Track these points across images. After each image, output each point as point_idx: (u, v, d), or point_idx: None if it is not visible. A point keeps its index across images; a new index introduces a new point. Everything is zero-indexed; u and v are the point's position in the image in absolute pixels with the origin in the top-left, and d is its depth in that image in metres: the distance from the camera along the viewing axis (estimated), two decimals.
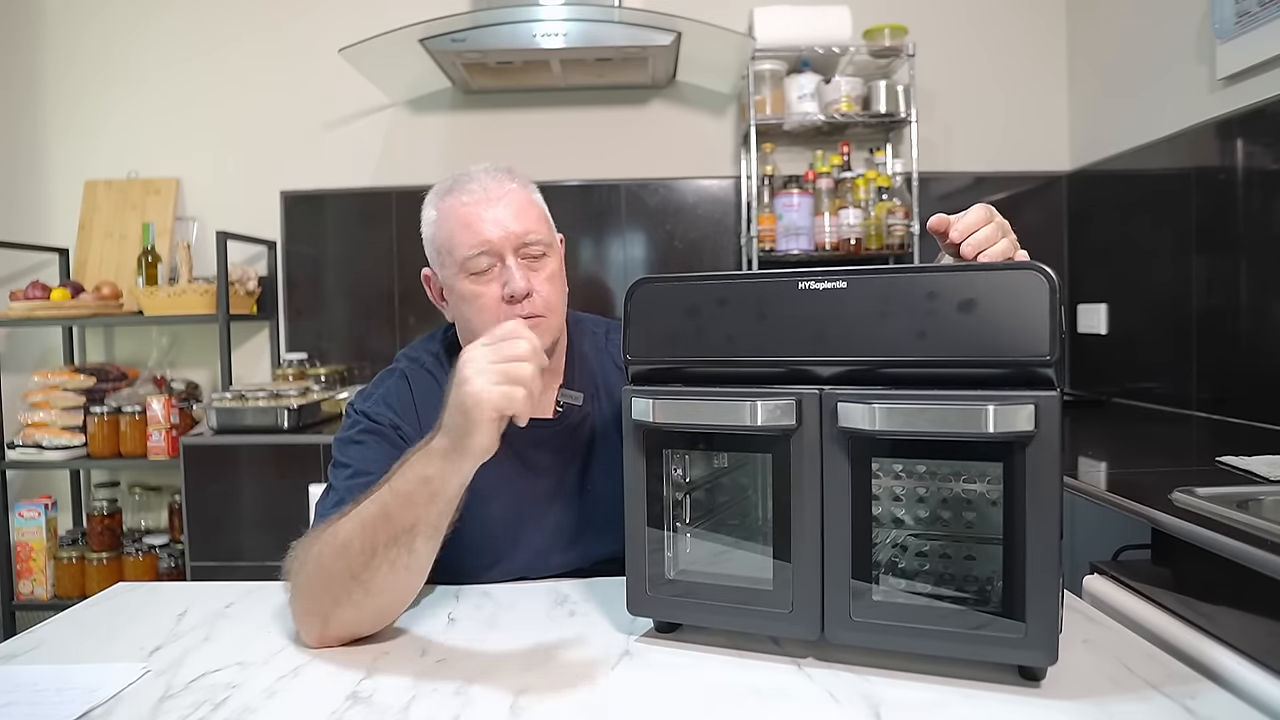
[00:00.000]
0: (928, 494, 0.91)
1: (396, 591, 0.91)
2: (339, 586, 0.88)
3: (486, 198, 1.09)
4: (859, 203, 2.63)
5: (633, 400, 0.87)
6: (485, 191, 1.09)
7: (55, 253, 2.83)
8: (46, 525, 2.62)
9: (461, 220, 1.09)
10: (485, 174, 1.12)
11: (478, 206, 1.08)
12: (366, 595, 0.88)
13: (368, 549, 0.87)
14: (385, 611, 0.92)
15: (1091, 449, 1.81)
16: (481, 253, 1.08)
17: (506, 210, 1.09)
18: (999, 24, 2.81)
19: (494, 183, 1.10)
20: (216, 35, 2.88)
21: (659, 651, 0.87)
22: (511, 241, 1.08)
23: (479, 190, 1.10)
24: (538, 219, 1.11)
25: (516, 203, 1.10)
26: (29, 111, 2.90)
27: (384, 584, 0.88)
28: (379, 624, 0.92)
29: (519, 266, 1.08)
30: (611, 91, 2.86)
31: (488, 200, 1.09)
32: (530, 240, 1.09)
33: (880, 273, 0.79)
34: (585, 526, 1.15)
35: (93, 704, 0.76)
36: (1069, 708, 0.72)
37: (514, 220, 1.08)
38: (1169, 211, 2.24)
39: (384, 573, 0.87)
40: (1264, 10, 1.84)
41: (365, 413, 1.12)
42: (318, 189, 2.88)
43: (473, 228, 1.08)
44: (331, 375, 2.70)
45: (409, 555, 0.88)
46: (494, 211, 1.08)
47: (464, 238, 1.08)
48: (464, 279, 1.09)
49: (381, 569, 0.87)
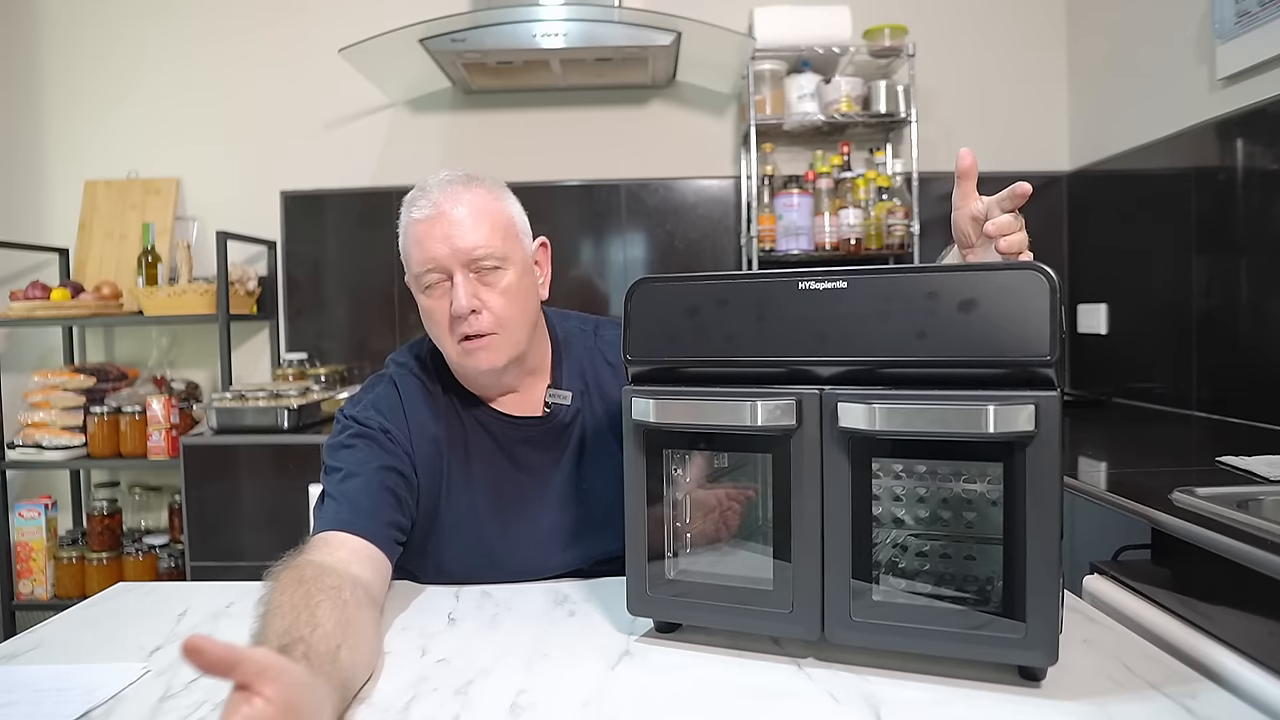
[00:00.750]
0: (928, 494, 0.91)
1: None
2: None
3: (437, 214, 1.07)
4: (859, 203, 2.63)
5: (633, 400, 0.87)
6: (436, 207, 1.08)
7: (55, 253, 2.84)
8: (46, 525, 2.63)
9: (414, 237, 1.09)
10: (439, 187, 1.09)
11: (428, 224, 1.07)
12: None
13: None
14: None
15: (1091, 449, 1.81)
16: (429, 269, 1.07)
17: (454, 226, 1.06)
18: (999, 24, 2.81)
19: (447, 197, 1.08)
20: (216, 35, 2.88)
21: (659, 651, 0.87)
22: (459, 258, 1.06)
23: (429, 206, 1.08)
24: (490, 232, 1.08)
25: (466, 216, 1.07)
26: (29, 111, 2.90)
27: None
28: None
29: (466, 283, 1.06)
30: (611, 91, 2.87)
31: (437, 218, 1.07)
32: (479, 255, 1.07)
33: (880, 273, 0.79)
34: (584, 525, 1.15)
35: (93, 704, 0.76)
36: (1069, 708, 0.72)
37: (463, 236, 1.06)
38: (1169, 211, 2.24)
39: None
40: (1264, 10, 1.84)
41: (355, 418, 1.12)
42: (318, 189, 2.88)
43: (421, 245, 1.08)
44: (331, 375, 2.70)
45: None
46: (441, 228, 1.07)
47: (415, 254, 1.09)
48: (421, 294, 1.11)
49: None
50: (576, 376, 1.20)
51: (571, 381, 1.19)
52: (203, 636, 0.59)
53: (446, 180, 1.10)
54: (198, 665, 0.59)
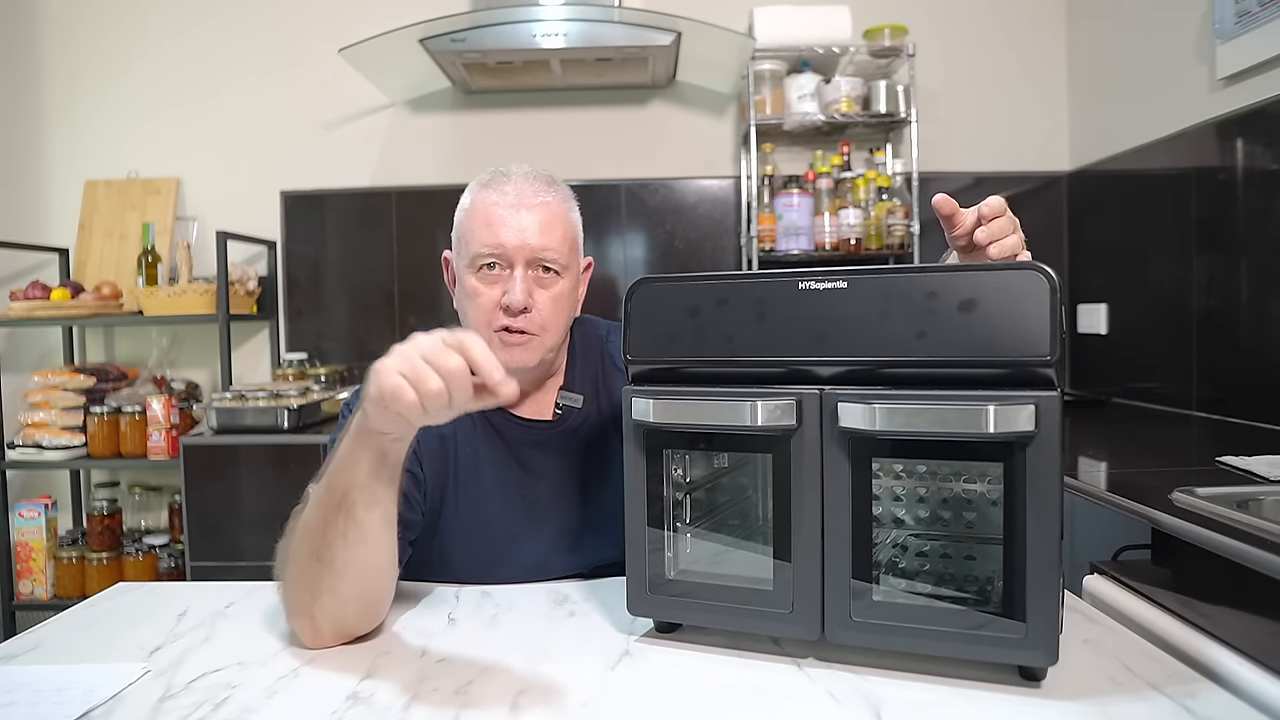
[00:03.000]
0: (928, 494, 0.91)
1: (359, 570, 0.87)
2: (310, 572, 0.86)
3: (518, 203, 1.08)
4: (859, 203, 2.63)
5: (633, 400, 0.87)
6: (519, 196, 1.08)
7: (55, 253, 2.84)
8: (46, 525, 2.63)
9: (485, 218, 1.08)
10: (524, 178, 1.11)
11: (505, 209, 1.08)
12: (335, 576, 0.86)
13: (321, 522, 0.86)
14: (361, 600, 0.89)
15: (1091, 449, 1.81)
16: (493, 254, 1.08)
17: (532, 221, 1.08)
18: (999, 24, 2.81)
19: (530, 189, 1.09)
20: (216, 35, 2.88)
21: (659, 651, 0.87)
22: (525, 253, 1.07)
23: (513, 193, 1.09)
24: (561, 238, 1.10)
25: (545, 217, 1.08)
26: (29, 111, 2.90)
27: (344, 560, 0.86)
28: (363, 614, 0.90)
29: (524, 279, 1.07)
30: (611, 91, 2.87)
31: (518, 206, 1.08)
32: (545, 257, 1.08)
33: (880, 273, 0.79)
34: (587, 530, 1.15)
35: (93, 704, 0.76)
36: (1069, 708, 0.72)
37: (536, 234, 1.07)
38: (1169, 211, 2.24)
39: (339, 547, 0.86)
40: (1264, 10, 1.84)
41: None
42: (318, 189, 2.88)
43: (493, 228, 1.08)
44: (331, 375, 2.70)
45: (355, 526, 0.85)
46: (518, 219, 1.07)
47: (482, 235, 1.08)
48: (471, 274, 1.10)
49: (336, 543, 0.86)
50: (589, 380, 1.20)
51: (584, 385, 1.19)
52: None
53: (530, 174, 1.11)
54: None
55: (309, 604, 0.88)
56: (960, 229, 0.94)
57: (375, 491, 0.86)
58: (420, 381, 0.76)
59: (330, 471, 0.87)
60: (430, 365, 0.76)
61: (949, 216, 0.93)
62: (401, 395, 0.76)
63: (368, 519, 0.86)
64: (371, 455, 0.84)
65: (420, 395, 0.76)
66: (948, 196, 0.93)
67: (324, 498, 0.87)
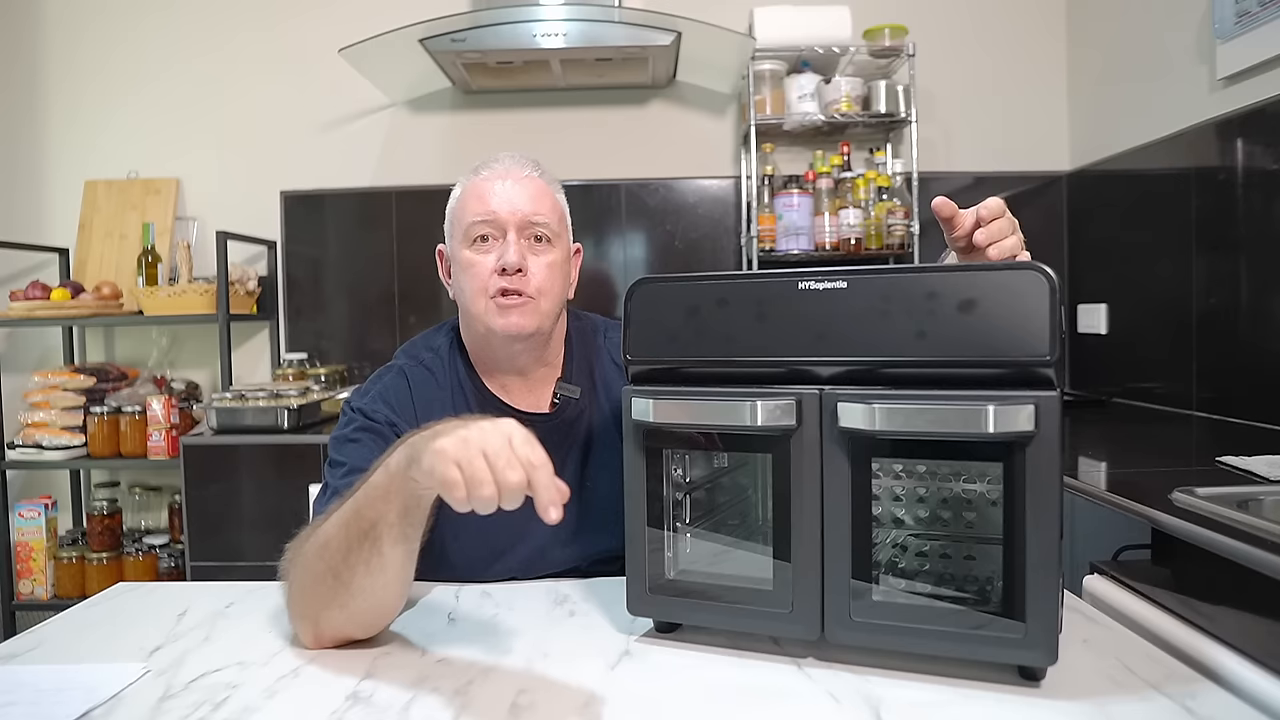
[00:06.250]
0: (928, 494, 0.91)
1: (374, 595, 0.88)
2: (324, 586, 0.87)
3: (505, 174, 1.13)
4: (859, 203, 2.63)
5: (633, 400, 0.87)
6: (506, 170, 1.14)
7: (55, 253, 2.83)
8: (46, 525, 2.63)
9: (475, 191, 1.13)
10: (511, 157, 1.17)
11: (493, 180, 1.13)
12: (349, 595, 0.86)
13: (344, 545, 0.86)
14: (369, 618, 0.90)
15: (1091, 449, 1.81)
16: (485, 221, 1.11)
17: (521, 191, 1.12)
18: (999, 24, 2.81)
19: (517, 166, 1.15)
20: (216, 35, 2.88)
21: (659, 651, 0.87)
22: (516, 219, 1.11)
23: (499, 168, 1.15)
24: (550, 208, 1.15)
25: (533, 189, 1.14)
26: (29, 111, 2.90)
27: (361, 584, 0.86)
28: (367, 630, 0.91)
29: (518, 243, 1.11)
30: (611, 91, 2.86)
31: (504, 177, 1.13)
32: (537, 221, 1.12)
33: (880, 273, 0.79)
34: (584, 523, 1.15)
35: (93, 704, 0.76)
36: (1069, 708, 0.72)
37: (526, 201, 1.12)
38: (1169, 211, 2.24)
39: (360, 572, 0.85)
40: (1264, 10, 1.84)
41: (361, 410, 1.12)
42: (318, 189, 2.88)
43: (483, 198, 1.12)
44: (331, 375, 2.70)
45: (378, 556, 0.85)
46: (509, 189, 1.12)
47: (473, 206, 1.12)
48: (465, 247, 1.13)
49: (358, 568, 0.85)
50: (585, 374, 1.21)
51: (580, 378, 1.20)
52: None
53: (517, 156, 1.18)
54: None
55: (316, 611, 0.88)
56: (959, 231, 0.94)
57: (404, 530, 0.86)
58: (475, 486, 0.74)
59: (362, 496, 0.86)
60: (491, 468, 0.74)
61: (948, 219, 0.94)
62: (452, 491, 0.75)
63: (392, 553, 0.86)
64: (407, 499, 0.84)
65: (470, 495, 0.74)
66: (947, 199, 0.93)
67: (351, 521, 0.86)
